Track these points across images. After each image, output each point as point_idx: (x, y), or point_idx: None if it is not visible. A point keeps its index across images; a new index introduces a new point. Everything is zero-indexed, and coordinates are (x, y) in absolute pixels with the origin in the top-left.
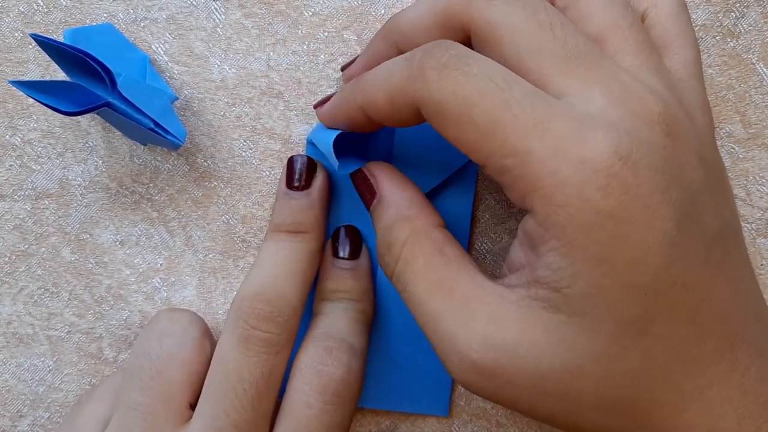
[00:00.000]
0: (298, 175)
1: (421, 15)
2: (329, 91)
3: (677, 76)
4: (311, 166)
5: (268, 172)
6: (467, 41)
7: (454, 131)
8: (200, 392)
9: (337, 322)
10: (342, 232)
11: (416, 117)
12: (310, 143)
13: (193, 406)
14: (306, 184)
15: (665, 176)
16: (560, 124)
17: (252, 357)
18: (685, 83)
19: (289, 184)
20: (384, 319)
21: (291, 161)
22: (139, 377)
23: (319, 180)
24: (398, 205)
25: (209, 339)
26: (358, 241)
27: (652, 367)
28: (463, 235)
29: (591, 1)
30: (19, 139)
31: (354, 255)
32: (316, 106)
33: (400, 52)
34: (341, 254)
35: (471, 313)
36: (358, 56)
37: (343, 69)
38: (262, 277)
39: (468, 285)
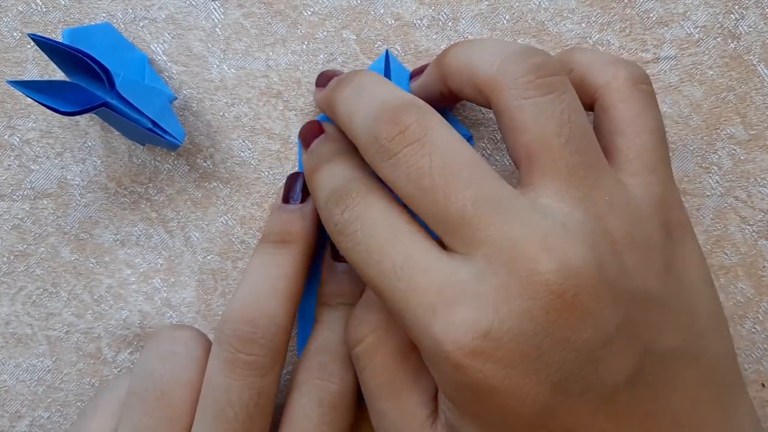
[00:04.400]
0: (296, 191)
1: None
2: None
3: (629, 173)
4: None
5: (267, 173)
6: None
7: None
8: None
9: (334, 333)
10: None
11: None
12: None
13: None
14: (303, 200)
15: (541, 344)
16: (420, 297)
17: (238, 381)
18: (635, 187)
19: (285, 199)
20: None
21: (290, 178)
22: (143, 398)
23: None
24: (369, 320)
25: None
26: None
27: None
28: None
29: (524, 111)
30: (17, 139)
31: None
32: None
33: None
34: (339, 256)
35: (407, 421)
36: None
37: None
38: (244, 296)
39: (409, 398)
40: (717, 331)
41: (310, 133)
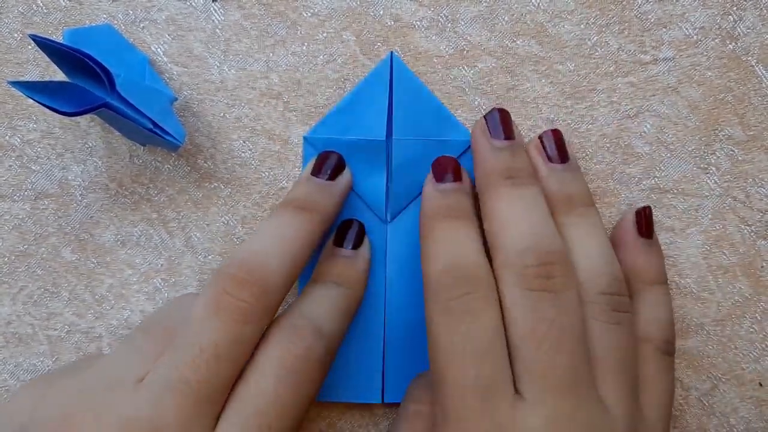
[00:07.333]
0: (328, 168)
1: None
2: (328, 92)
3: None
4: (341, 164)
5: (267, 173)
6: None
7: None
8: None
9: (315, 305)
10: (348, 224)
11: None
12: (307, 142)
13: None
14: (331, 178)
15: None
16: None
17: (218, 321)
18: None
19: (315, 173)
20: None
21: (323, 154)
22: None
23: (345, 177)
24: None
25: None
26: (361, 234)
27: None
28: None
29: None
30: (18, 140)
31: (356, 246)
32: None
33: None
34: (345, 245)
35: None
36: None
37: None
38: (253, 247)
39: None
40: None
41: (445, 169)
